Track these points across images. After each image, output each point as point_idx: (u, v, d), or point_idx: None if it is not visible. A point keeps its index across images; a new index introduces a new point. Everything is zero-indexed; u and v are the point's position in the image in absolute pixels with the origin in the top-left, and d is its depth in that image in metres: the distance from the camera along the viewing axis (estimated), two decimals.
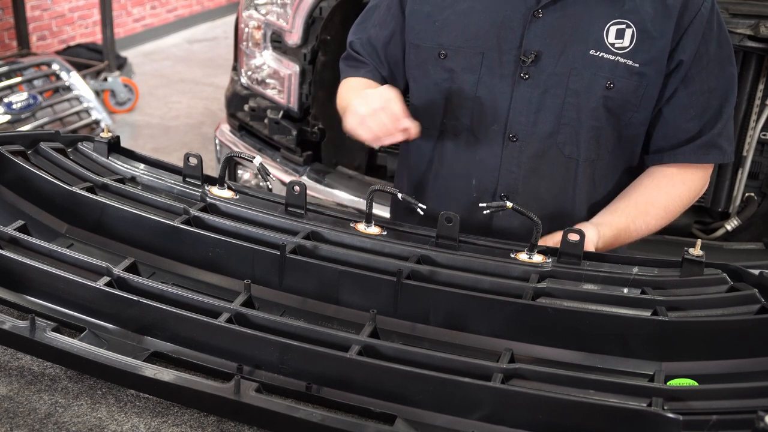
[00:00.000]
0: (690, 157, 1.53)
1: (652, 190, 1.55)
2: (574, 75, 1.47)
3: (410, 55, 1.61)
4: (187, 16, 8.48)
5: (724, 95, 1.52)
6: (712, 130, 1.52)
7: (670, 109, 1.52)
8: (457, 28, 1.53)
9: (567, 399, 1.03)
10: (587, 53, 1.46)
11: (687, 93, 1.50)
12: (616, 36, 1.46)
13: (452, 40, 1.54)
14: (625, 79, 1.47)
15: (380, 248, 1.34)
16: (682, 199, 1.56)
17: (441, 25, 1.55)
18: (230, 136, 3.05)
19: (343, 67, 1.74)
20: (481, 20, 1.52)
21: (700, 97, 1.50)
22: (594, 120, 1.50)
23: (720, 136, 1.53)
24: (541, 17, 1.47)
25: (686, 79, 1.49)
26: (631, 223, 1.52)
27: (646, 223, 1.53)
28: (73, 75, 4.94)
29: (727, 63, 1.52)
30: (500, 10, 1.50)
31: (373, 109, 1.42)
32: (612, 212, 1.54)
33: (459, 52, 1.53)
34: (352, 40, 1.71)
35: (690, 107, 1.51)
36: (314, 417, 1.01)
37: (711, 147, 1.53)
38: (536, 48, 1.48)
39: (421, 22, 1.57)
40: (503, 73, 1.51)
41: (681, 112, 1.51)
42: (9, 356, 1.18)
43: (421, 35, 1.57)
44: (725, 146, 1.55)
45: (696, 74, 1.49)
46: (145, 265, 1.33)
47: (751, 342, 1.15)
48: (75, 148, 1.55)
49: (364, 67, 1.68)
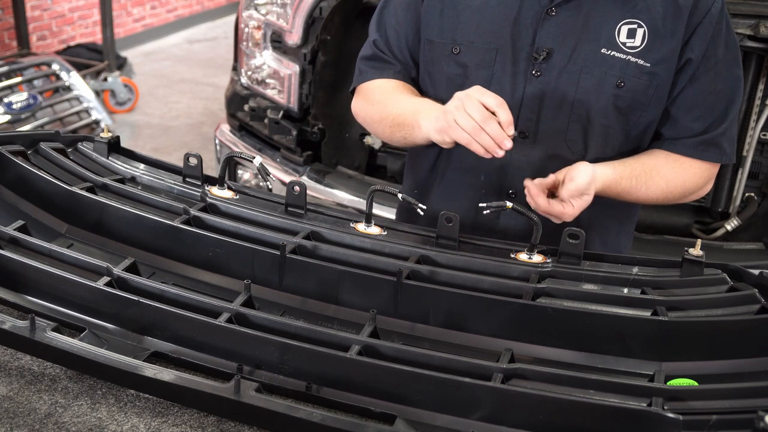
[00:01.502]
0: (689, 150, 1.53)
1: (659, 160, 1.54)
2: (585, 73, 1.48)
3: (424, 51, 1.60)
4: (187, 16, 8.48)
5: (730, 97, 1.53)
6: (715, 130, 1.52)
7: (676, 108, 1.52)
8: (471, 24, 1.53)
9: (567, 399, 1.03)
10: (598, 52, 1.47)
11: (693, 93, 1.50)
12: (628, 35, 1.46)
13: (466, 36, 1.54)
14: (636, 79, 1.47)
15: (380, 248, 1.34)
16: (684, 182, 1.55)
17: (455, 21, 1.55)
18: (230, 136, 3.05)
19: (365, 68, 1.66)
20: (495, 16, 1.52)
21: (706, 98, 1.50)
22: (603, 118, 1.50)
23: (722, 136, 1.54)
24: (555, 15, 1.48)
25: (693, 78, 1.49)
26: (633, 179, 1.50)
27: (646, 186, 1.51)
28: (73, 75, 4.93)
29: (735, 65, 1.52)
30: (514, 7, 1.50)
31: (483, 118, 1.35)
32: (618, 163, 1.52)
33: (472, 48, 1.53)
34: (375, 39, 1.65)
35: (695, 107, 1.51)
36: (314, 417, 1.01)
37: (711, 145, 1.53)
38: (548, 45, 1.48)
39: (435, 18, 1.57)
40: (516, 70, 1.51)
41: (686, 111, 1.52)
42: (9, 356, 1.18)
43: (435, 31, 1.57)
44: (726, 147, 1.55)
45: (703, 74, 1.49)
46: (145, 265, 1.33)
47: (751, 342, 1.15)
48: (75, 148, 1.55)
49: (392, 68, 1.63)
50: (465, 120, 1.35)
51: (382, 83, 1.64)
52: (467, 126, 1.35)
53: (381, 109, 1.61)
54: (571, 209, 1.40)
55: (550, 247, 1.35)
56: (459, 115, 1.36)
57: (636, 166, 1.51)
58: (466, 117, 1.36)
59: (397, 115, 1.56)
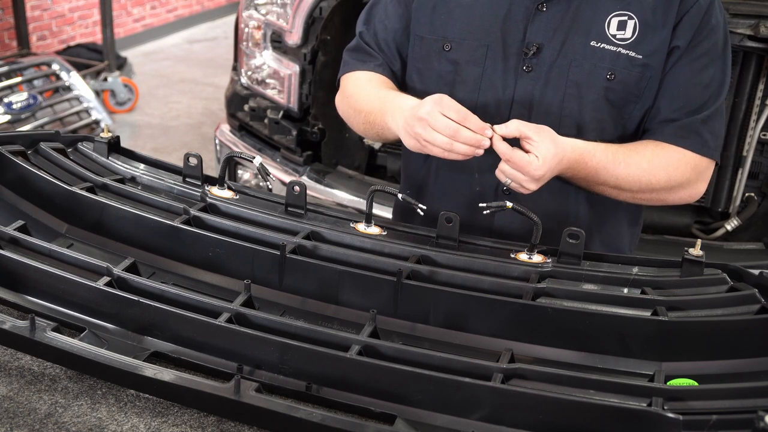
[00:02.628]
0: (668, 136, 1.49)
1: (641, 143, 1.50)
2: (575, 66, 1.47)
3: (415, 47, 1.61)
4: (187, 16, 8.48)
5: (715, 90, 1.50)
6: (695, 116, 1.49)
7: (659, 95, 1.50)
8: (461, 21, 1.53)
9: (567, 399, 1.03)
10: (588, 44, 1.47)
11: (676, 81, 1.48)
12: (618, 27, 1.46)
13: (457, 33, 1.54)
14: (627, 71, 1.46)
15: (380, 248, 1.34)
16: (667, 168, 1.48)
17: (446, 18, 1.55)
18: (230, 136, 3.05)
19: (348, 59, 1.68)
20: (485, 13, 1.52)
21: (689, 89, 1.48)
22: (595, 112, 1.50)
23: (703, 124, 1.49)
24: (545, 11, 1.48)
25: (677, 66, 1.48)
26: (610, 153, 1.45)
27: (626, 164, 1.46)
28: (73, 75, 4.93)
29: (722, 59, 1.50)
30: (504, 4, 1.51)
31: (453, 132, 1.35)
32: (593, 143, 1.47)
33: (463, 45, 1.53)
34: (362, 31, 1.66)
35: (678, 96, 1.49)
36: (314, 417, 1.01)
37: (691, 131, 1.49)
38: (538, 41, 1.48)
39: (427, 14, 1.57)
40: (506, 66, 1.51)
41: (669, 100, 1.50)
42: (9, 356, 1.18)
43: (426, 27, 1.57)
44: (708, 138, 1.50)
45: (687, 63, 1.47)
46: (145, 265, 1.33)
47: (751, 342, 1.15)
48: (75, 148, 1.55)
49: (373, 61, 1.64)
50: (435, 137, 1.36)
51: (359, 75, 1.64)
52: (439, 142, 1.36)
53: (353, 103, 1.62)
54: (536, 161, 1.35)
55: (550, 247, 1.35)
56: (428, 135, 1.36)
57: (613, 145, 1.48)
58: (435, 135, 1.35)
59: (368, 113, 1.57)
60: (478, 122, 1.36)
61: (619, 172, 1.46)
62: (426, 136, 1.37)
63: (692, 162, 1.52)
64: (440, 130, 1.35)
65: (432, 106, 1.36)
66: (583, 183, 1.49)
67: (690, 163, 1.52)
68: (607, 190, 1.50)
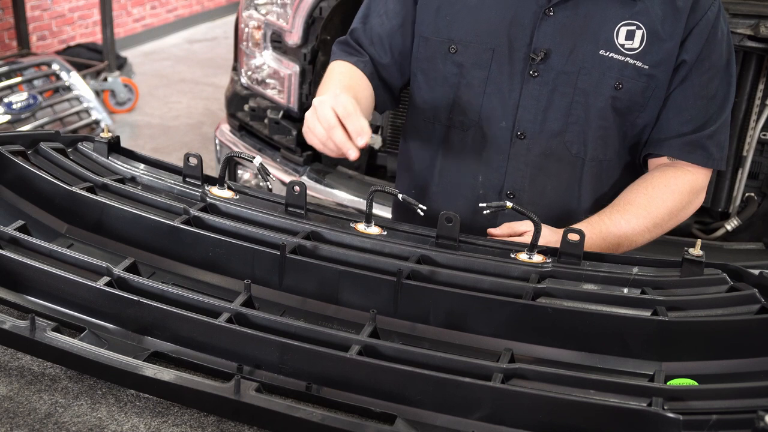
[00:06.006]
0: (675, 151, 1.51)
1: (629, 194, 1.52)
2: (583, 74, 1.47)
3: (419, 48, 1.60)
4: (187, 16, 8.48)
5: (721, 103, 1.51)
6: (702, 131, 1.51)
7: (666, 109, 1.51)
8: (467, 23, 1.53)
9: (567, 399, 1.03)
10: (597, 53, 1.47)
11: (684, 94, 1.49)
12: (626, 37, 1.46)
13: (462, 35, 1.53)
14: (634, 80, 1.47)
15: (380, 248, 1.34)
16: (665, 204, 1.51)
17: (451, 20, 1.54)
18: (230, 136, 3.05)
19: (336, 50, 1.69)
20: (491, 16, 1.51)
21: (697, 101, 1.50)
22: (601, 119, 1.50)
23: (710, 139, 1.51)
24: (553, 15, 1.48)
25: (686, 80, 1.48)
26: (621, 219, 1.48)
27: (626, 221, 1.49)
28: (73, 75, 4.94)
29: (728, 72, 1.51)
30: (511, 7, 1.50)
31: (330, 126, 1.35)
32: (593, 218, 1.51)
33: (469, 48, 1.53)
34: (355, 27, 1.67)
35: (685, 109, 1.50)
36: (314, 417, 1.01)
37: (698, 147, 1.51)
38: (546, 46, 1.48)
39: (431, 15, 1.57)
40: (513, 70, 1.51)
41: (676, 113, 1.51)
42: (9, 356, 1.17)
43: (431, 28, 1.57)
44: (714, 151, 1.53)
45: (696, 77, 1.48)
46: (145, 265, 1.33)
47: (751, 342, 1.15)
48: (75, 148, 1.55)
49: (357, 56, 1.64)
50: (315, 126, 1.37)
51: (339, 65, 1.64)
52: (318, 133, 1.37)
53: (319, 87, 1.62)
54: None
55: (550, 247, 1.35)
56: (311, 122, 1.38)
57: (606, 212, 1.50)
58: (317, 124, 1.36)
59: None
60: (355, 126, 1.33)
61: (624, 228, 1.49)
62: (309, 123, 1.38)
63: (690, 184, 1.53)
64: (321, 121, 1.35)
65: (327, 98, 1.36)
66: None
67: (687, 185, 1.53)
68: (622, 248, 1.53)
